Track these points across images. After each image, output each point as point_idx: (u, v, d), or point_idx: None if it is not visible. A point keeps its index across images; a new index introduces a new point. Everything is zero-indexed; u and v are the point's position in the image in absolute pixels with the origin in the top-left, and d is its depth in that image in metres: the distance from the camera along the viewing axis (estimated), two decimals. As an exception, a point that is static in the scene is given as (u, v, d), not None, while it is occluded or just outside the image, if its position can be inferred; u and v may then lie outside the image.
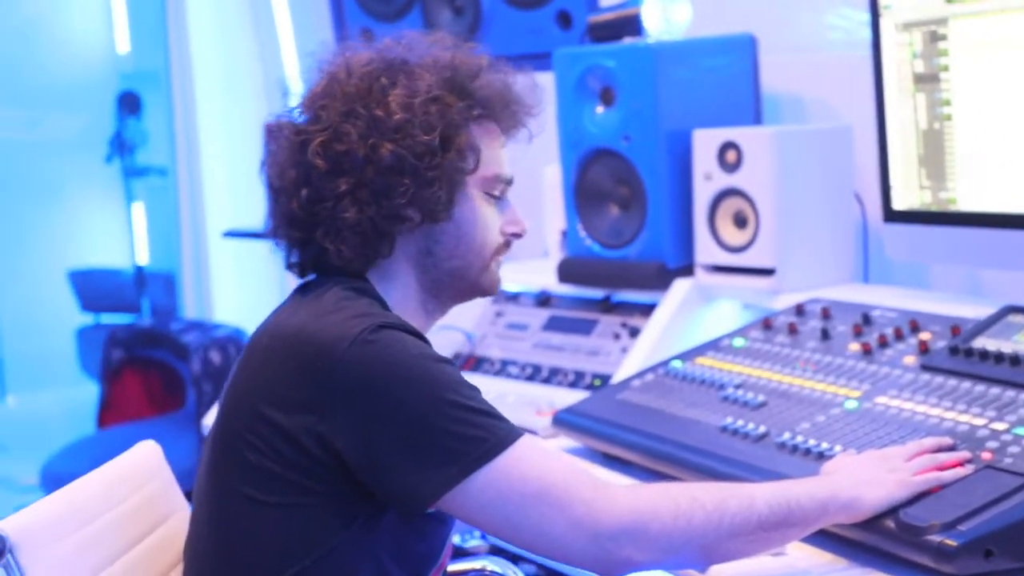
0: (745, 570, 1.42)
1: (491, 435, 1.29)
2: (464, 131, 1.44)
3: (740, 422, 1.72)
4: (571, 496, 1.28)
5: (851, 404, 1.69)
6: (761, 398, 1.79)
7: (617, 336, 2.43)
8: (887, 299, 2.05)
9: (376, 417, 1.28)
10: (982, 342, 1.71)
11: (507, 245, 1.53)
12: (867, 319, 1.92)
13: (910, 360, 1.76)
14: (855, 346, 1.86)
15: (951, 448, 1.48)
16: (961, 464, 1.44)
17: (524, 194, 3.04)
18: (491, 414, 1.31)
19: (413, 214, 1.42)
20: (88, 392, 4.57)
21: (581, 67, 2.47)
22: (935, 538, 1.32)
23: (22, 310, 5.90)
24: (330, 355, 1.29)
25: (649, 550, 1.28)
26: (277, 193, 1.44)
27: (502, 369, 2.54)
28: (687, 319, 2.36)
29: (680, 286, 2.38)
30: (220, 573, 1.36)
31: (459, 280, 1.48)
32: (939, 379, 1.68)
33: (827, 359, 1.85)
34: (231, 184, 3.91)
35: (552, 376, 2.44)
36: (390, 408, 1.28)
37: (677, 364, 2.00)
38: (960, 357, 1.70)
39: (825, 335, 1.92)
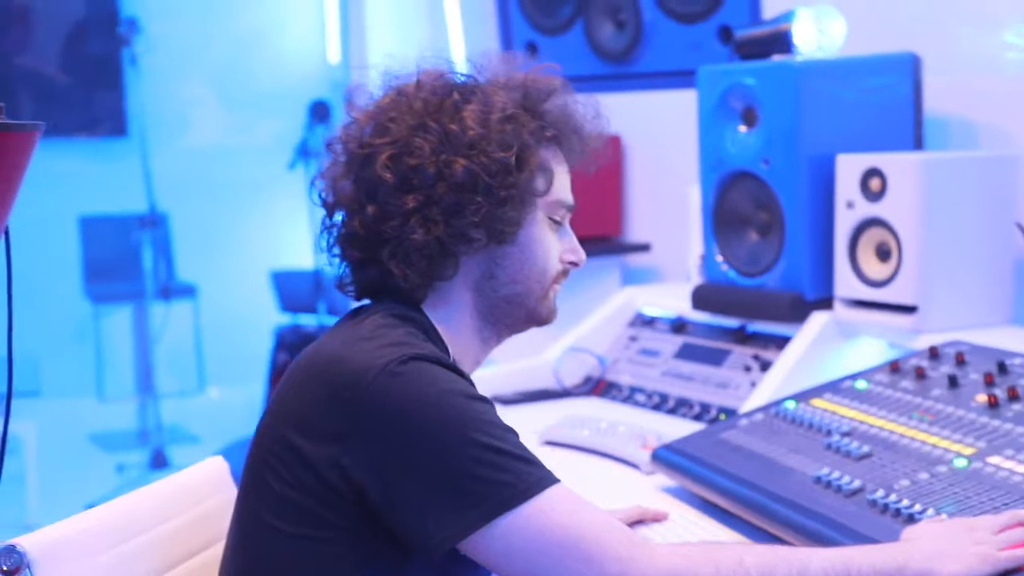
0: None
1: (519, 480, 1.21)
2: (537, 152, 1.38)
3: (836, 473, 1.59)
4: (605, 551, 1.19)
5: (960, 462, 1.54)
6: (866, 448, 1.64)
7: (748, 369, 2.31)
8: (1038, 346, 1.86)
9: (397, 453, 1.22)
10: (1119, 402, 1.52)
11: (565, 274, 1.46)
12: (1002, 368, 1.75)
13: (1037, 417, 1.59)
14: (982, 397, 1.69)
15: (1055, 521, 1.32)
16: (1061, 541, 1.28)
17: (667, 215, 2.96)
18: (522, 457, 1.23)
19: (480, 235, 1.37)
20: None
21: (723, 85, 2.36)
22: (1010, 624, 1.18)
23: (226, 307, 6.14)
24: (356, 385, 1.24)
25: None
26: (333, 209, 1.41)
27: (630, 396, 2.46)
28: (823, 355, 2.22)
29: (817, 320, 2.24)
30: None
31: (517, 307, 1.42)
32: (1064, 441, 1.51)
33: (948, 409, 1.69)
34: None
35: (678, 407, 2.34)
36: (412, 444, 1.21)
37: (790, 404, 1.87)
38: (1092, 417, 1.52)
39: (953, 383, 1.76)
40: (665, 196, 2.99)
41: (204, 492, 1.53)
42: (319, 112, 4.87)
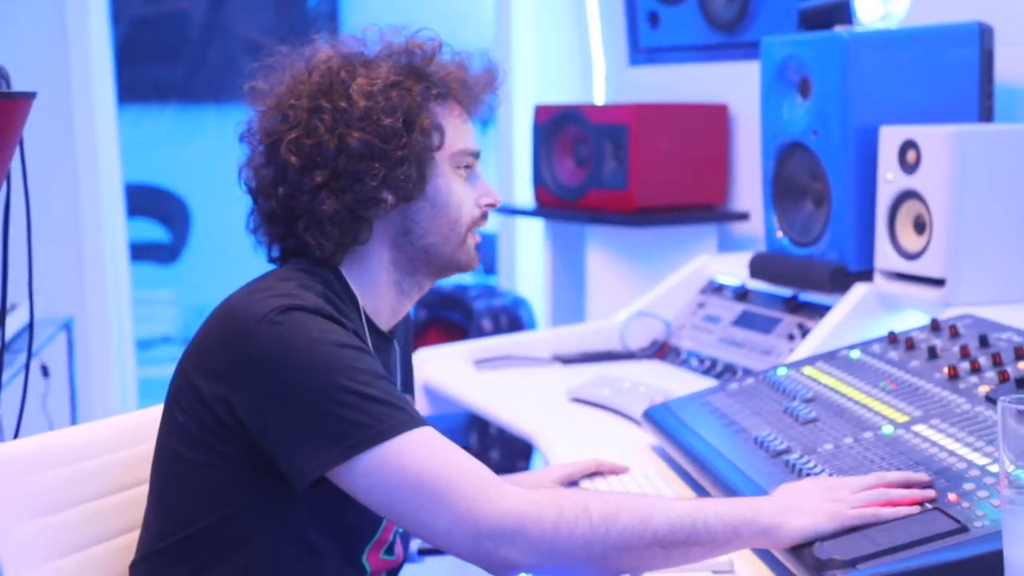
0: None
1: (378, 422, 1.32)
2: (426, 111, 1.50)
3: (772, 435, 1.65)
4: (453, 492, 1.29)
5: (888, 429, 1.56)
6: (814, 414, 1.69)
7: (791, 337, 2.34)
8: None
9: (271, 394, 1.35)
10: (1058, 378, 1.51)
11: (484, 217, 1.57)
12: (983, 341, 1.74)
13: (983, 390, 1.59)
14: (947, 369, 1.70)
15: (927, 485, 1.35)
16: (918, 503, 1.31)
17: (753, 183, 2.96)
18: (384, 402, 1.33)
19: (387, 195, 1.49)
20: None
21: (781, 56, 2.38)
22: (833, 575, 1.23)
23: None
24: (241, 330, 1.38)
25: (528, 553, 1.28)
26: (255, 195, 1.54)
27: (685, 361, 2.53)
28: (863, 326, 2.23)
29: (857, 291, 2.24)
30: (151, 524, 1.50)
31: (436, 256, 1.54)
32: (991, 413, 1.51)
33: (912, 380, 1.71)
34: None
35: (723, 373, 2.40)
36: (283, 388, 1.34)
37: (782, 371, 1.91)
38: (1028, 392, 1.51)
39: (932, 354, 1.76)
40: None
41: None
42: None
